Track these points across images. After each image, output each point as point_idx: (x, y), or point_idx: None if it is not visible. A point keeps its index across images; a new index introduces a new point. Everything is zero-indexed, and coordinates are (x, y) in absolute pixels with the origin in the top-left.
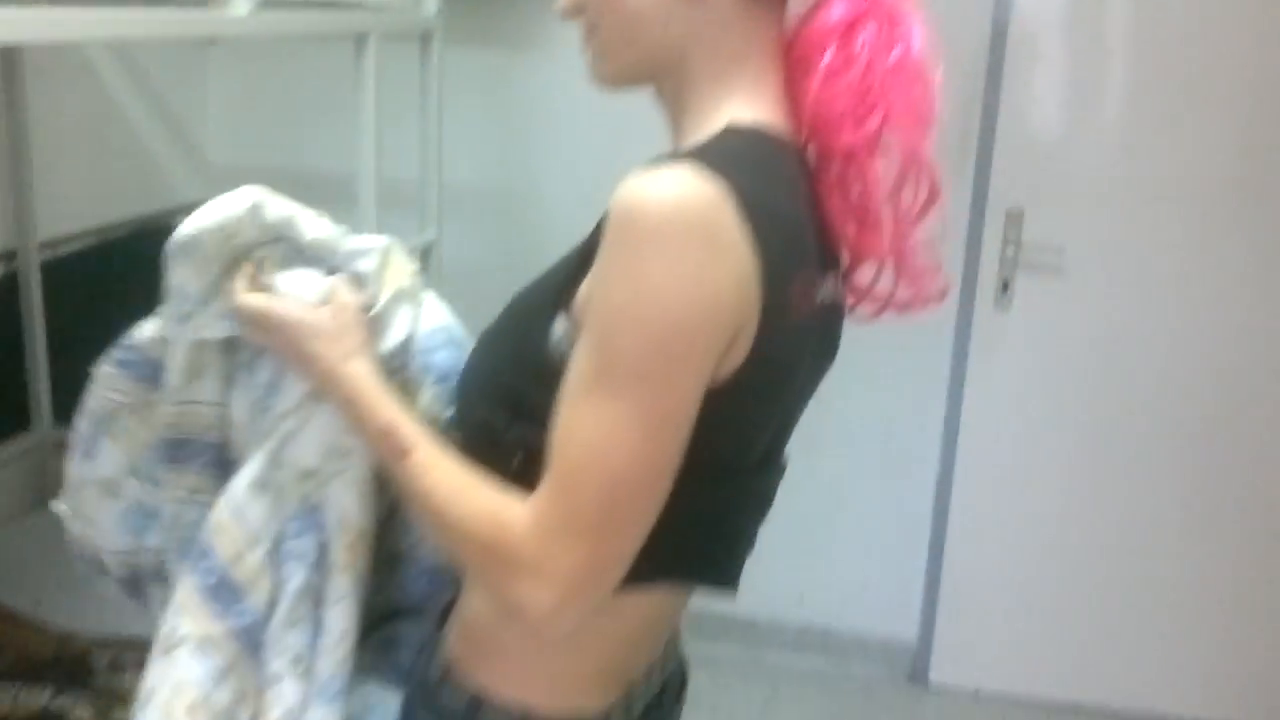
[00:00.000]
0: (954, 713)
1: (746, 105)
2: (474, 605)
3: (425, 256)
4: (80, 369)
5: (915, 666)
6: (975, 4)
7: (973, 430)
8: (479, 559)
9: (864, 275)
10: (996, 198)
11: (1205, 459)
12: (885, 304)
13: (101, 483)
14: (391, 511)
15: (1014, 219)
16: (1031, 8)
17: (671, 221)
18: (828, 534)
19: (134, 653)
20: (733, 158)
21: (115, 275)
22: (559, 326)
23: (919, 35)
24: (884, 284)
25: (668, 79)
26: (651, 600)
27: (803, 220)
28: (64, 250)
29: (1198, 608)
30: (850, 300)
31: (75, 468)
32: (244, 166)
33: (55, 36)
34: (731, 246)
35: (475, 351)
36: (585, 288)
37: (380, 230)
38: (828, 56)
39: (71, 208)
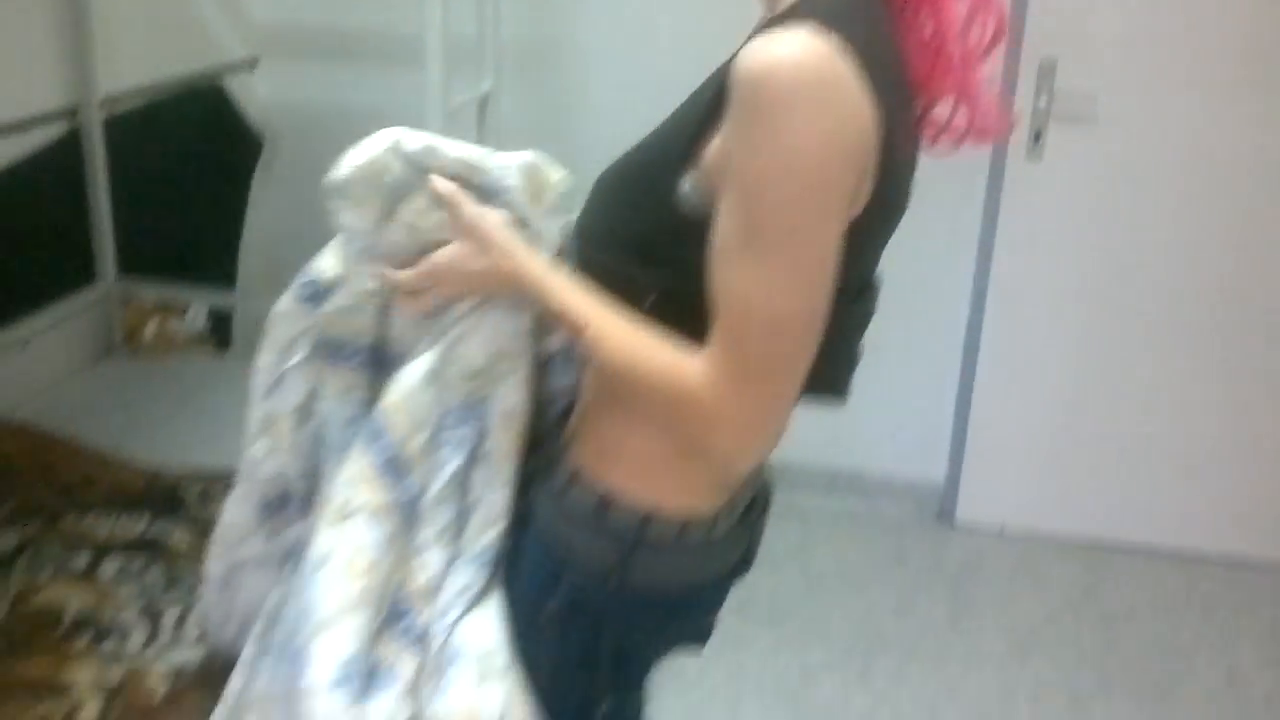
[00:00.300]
0: (980, 549)
1: None
2: (604, 418)
3: (481, 108)
4: (141, 223)
5: (943, 506)
6: None
7: (1003, 278)
8: (664, 412)
9: (940, 111)
10: (1030, 49)
11: (1232, 302)
12: (961, 137)
13: (296, 410)
14: None
15: (1047, 69)
16: None
17: (801, 82)
18: (859, 380)
19: (221, 484)
20: (839, 11)
21: (170, 131)
22: (688, 181)
23: None
24: (958, 118)
25: None
26: None
27: (900, 63)
28: (121, 108)
29: (1217, 448)
30: (929, 135)
31: (264, 404)
32: (288, 24)
33: None
34: (853, 97)
35: (593, 201)
36: (716, 147)
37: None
38: None
39: (128, 66)
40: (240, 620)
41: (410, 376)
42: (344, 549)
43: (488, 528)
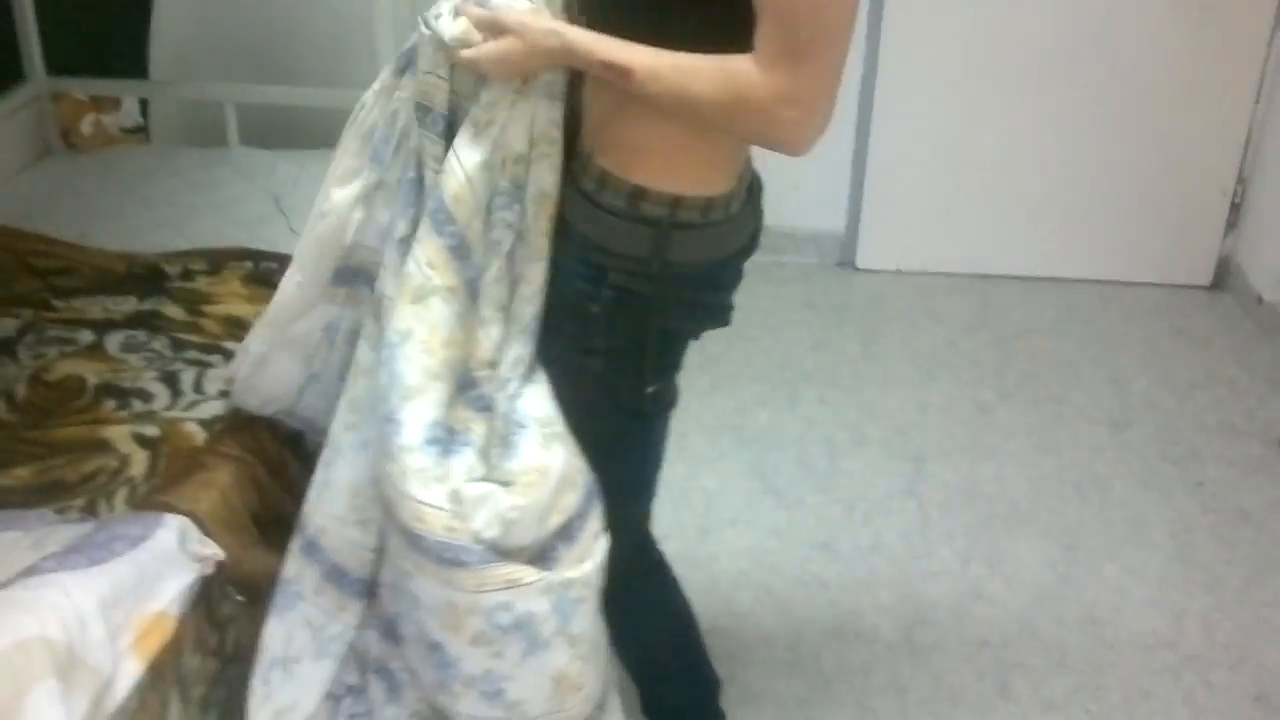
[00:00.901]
0: (881, 288)
1: None
2: (623, 125)
3: None
4: (63, 20)
5: (844, 253)
6: None
7: (892, 33)
8: (730, 115)
9: None
10: None
11: (1104, 48)
12: None
13: (399, 181)
14: None
15: None
16: None
17: None
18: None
19: (198, 262)
20: None
21: None
22: None
23: None
24: None
25: None
26: None
27: None
28: None
29: (1087, 184)
30: None
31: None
32: None
33: None
34: None
35: None
36: None
37: None
38: None
39: None
40: (264, 395)
41: (469, 165)
42: (423, 326)
43: (531, 300)
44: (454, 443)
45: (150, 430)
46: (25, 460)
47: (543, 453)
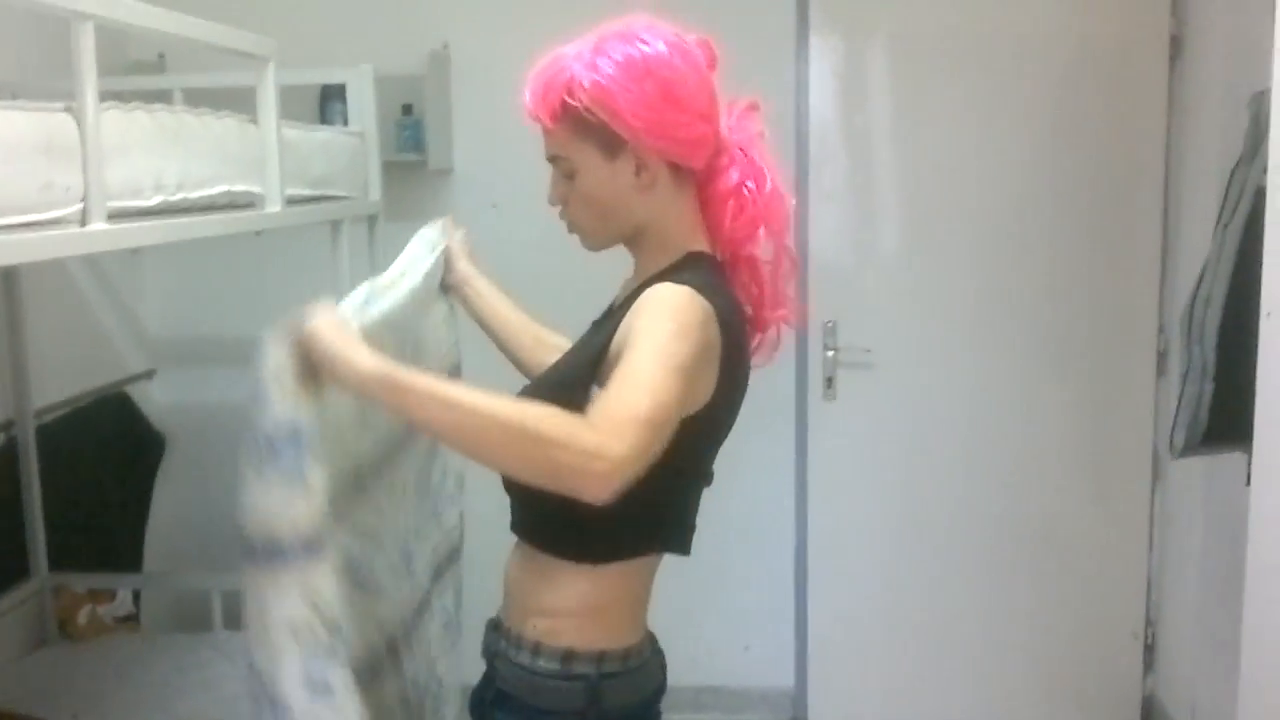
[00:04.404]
0: None
1: (692, 240)
2: (542, 600)
3: None
4: (67, 520)
5: (795, 709)
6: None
7: (818, 503)
8: (552, 453)
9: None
10: (815, 313)
11: (999, 500)
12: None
13: None
14: None
15: (830, 329)
16: (822, 156)
17: (693, 303)
18: (711, 607)
19: None
20: (703, 284)
21: (85, 438)
22: (596, 385)
23: (777, 171)
24: (773, 336)
25: (635, 238)
26: (650, 564)
27: (739, 314)
28: (48, 418)
29: (1017, 636)
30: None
31: None
32: (180, 337)
33: (150, 239)
34: (714, 328)
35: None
36: (612, 354)
37: None
38: (730, 207)
39: (52, 382)
40: None
41: None
42: None
43: None
44: None
45: None
46: None
47: None
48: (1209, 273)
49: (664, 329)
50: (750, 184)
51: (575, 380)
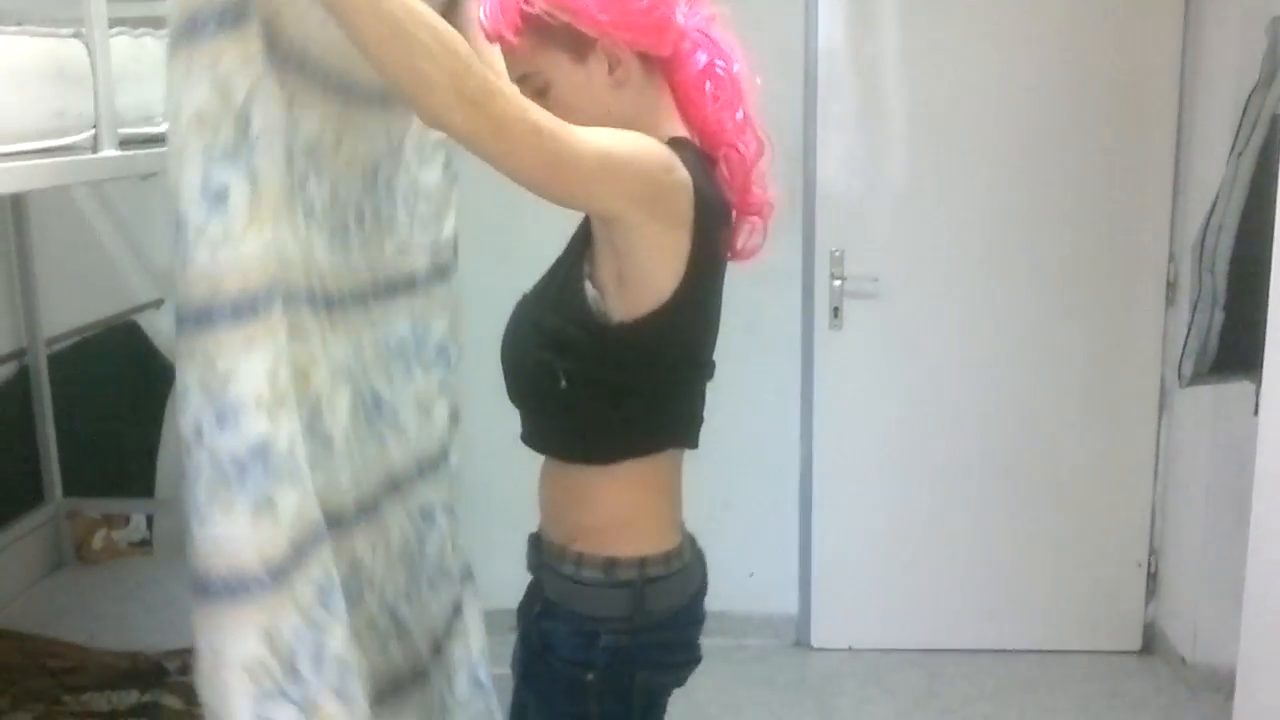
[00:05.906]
0: (832, 665)
1: (674, 128)
2: (582, 515)
3: None
4: (78, 446)
5: (799, 634)
6: (788, 97)
7: (823, 432)
8: (446, 63)
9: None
10: (822, 242)
11: (1005, 429)
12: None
13: None
14: None
15: (837, 259)
16: (831, 84)
17: (657, 151)
18: (718, 533)
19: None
20: (689, 159)
21: (95, 365)
22: (589, 290)
23: (738, 51)
24: (755, 236)
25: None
26: (666, 463)
27: (719, 193)
28: (58, 346)
29: (1019, 559)
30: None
31: None
32: None
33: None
34: (684, 177)
35: (516, 317)
36: (599, 267)
37: None
38: (709, 90)
39: (61, 312)
40: None
41: None
42: None
43: None
44: None
45: None
46: None
47: None
48: (1222, 200)
49: (619, 132)
50: (720, 62)
51: (568, 280)
